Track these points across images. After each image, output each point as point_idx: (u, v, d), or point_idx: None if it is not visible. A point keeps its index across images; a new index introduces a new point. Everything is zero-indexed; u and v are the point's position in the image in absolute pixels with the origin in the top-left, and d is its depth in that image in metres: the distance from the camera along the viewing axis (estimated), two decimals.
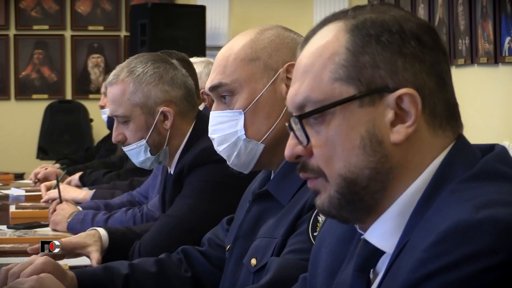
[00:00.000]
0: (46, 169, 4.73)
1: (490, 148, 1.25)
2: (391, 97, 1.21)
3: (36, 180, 4.64)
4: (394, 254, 1.19)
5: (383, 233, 1.23)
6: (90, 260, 2.52)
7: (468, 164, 1.21)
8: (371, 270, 1.27)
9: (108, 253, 2.59)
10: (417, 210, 1.20)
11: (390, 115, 1.21)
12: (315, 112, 1.23)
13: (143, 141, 2.71)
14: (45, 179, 4.57)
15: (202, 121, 2.74)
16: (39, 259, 2.00)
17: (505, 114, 5.18)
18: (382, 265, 1.24)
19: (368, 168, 1.21)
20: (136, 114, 2.70)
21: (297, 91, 1.27)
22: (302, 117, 1.24)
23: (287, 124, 1.29)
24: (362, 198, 1.23)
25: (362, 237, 1.27)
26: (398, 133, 1.21)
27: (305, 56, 1.28)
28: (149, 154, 2.72)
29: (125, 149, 2.76)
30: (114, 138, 2.76)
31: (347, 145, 1.21)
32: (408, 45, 1.22)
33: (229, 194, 2.47)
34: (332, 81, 1.23)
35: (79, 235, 2.62)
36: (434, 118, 1.23)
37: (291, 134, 1.28)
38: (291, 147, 1.28)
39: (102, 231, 2.61)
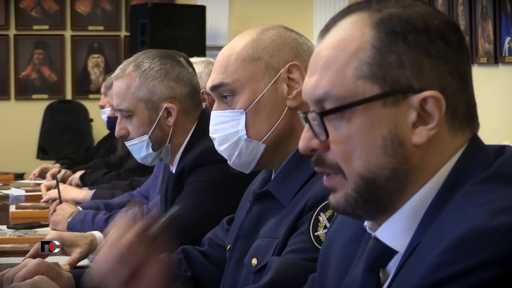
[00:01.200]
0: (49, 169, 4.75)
1: (501, 149, 1.24)
2: (416, 99, 1.18)
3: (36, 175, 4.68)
4: (406, 254, 1.18)
5: (395, 232, 1.22)
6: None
7: (482, 165, 1.19)
8: (381, 269, 1.25)
9: None
10: (430, 210, 1.19)
11: (412, 116, 1.19)
12: (338, 110, 1.21)
13: (146, 137, 2.71)
14: (52, 175, 4.59)
15: (204, 120, 2.74)
16: (32, 262, 1.98)
17: (505, 114, 5.18)
18: (393, 265, 1.23)
19: (387, 169, 1.19)
20: (140, 109, 2.71)
21: (317, 84, 1.23)
22: (323, 114, 1.22)
23: (301, 115, 1.26)
24: (379, 198, 1.21)
25: (372, 235, 1.26)
26: (420, 135, 1.19)
27: (327, 47, 1.24)
28: (151, 150, 2.72)
29: (127, 143, 2.76)
30: (117, 132, 2.76)
31: (367, 144, 1.19)
32: (434, 45, 1.20)
33: (230, 195, 2.47)
34: (355, 78, 1.20)
35: (74, 233, 2.64)
36: (455, 120, 1.21)
37: (306, 126, 1.25)
38: (306, 140, 1.25)
39: (98, 234, 2.62)
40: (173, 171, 2.76)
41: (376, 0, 1.24)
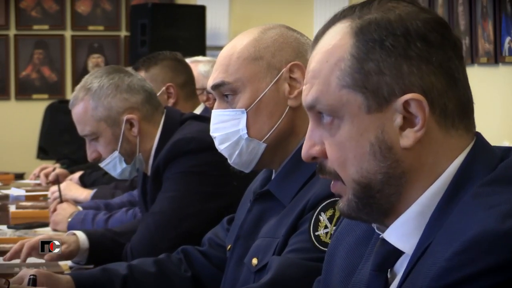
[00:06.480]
0: (54, 169, 4.74)
1: (507, 150, 1.24)
2: (398, 102, 1.20)
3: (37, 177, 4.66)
4: (415, 256, 1.18)
5: (402, 234, 1.23)
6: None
7: (488, 167, 1.20)
8: (389, 270, 1.27)
9: (93, 254, 2.62)
10: (437, 212, 1.19)
11: (398, 119, 1.20)
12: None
13: (116, 153, 2.76)
14: (45, 174, 4.59)
15: (170, 120, 2.78)
16: (29, 273, 1.96)
17: (505, 114, 5.17)
18: (400, 265, 1.24)
19: (380, 173, 1.22)
20: (102, 128, 2.76)
21: (308, 92, 1.28)
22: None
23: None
24: (377, 201, 1.23)
25: (380, 236, 1.27)
26: (407, 138, 1.20)
27: (314, 60, 1.28)
28: (124, 164, 2.77)
29: (102, 165, 2.81)
30: (89, 157, 2.83)
31: (357, 151, 1.22)
32: (413, 47, 1.21)
33: (206, 182, 2.55)
34: (339, 88, 1.23)
35: (60, 234, 2.66)
36: (445, 118, 1.22)
37: (308, 134, 1.29)
38: (306, 149, 1.29)
39: (79, 234, 2.65)
40: (149, 175, 2.79)
41: (360, 5, 1.27)
